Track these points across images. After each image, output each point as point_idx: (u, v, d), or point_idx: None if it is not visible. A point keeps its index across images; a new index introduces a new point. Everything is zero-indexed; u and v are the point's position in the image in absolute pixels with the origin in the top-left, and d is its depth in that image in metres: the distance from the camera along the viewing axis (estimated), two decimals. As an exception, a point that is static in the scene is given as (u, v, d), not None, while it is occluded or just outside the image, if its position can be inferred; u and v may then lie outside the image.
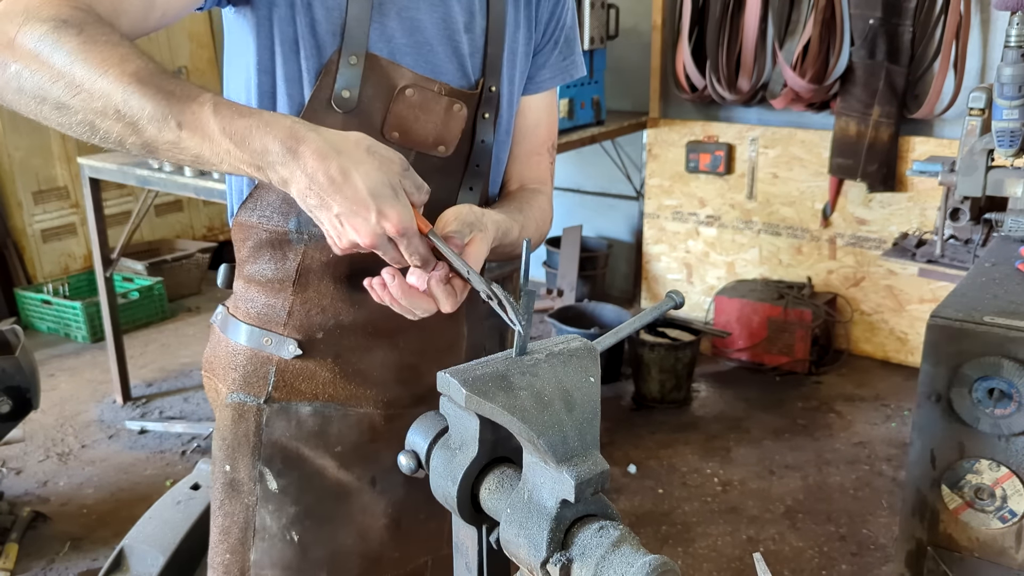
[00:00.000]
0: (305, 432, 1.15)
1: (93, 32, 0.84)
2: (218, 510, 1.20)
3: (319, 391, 1.14)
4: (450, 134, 1.12)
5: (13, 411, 2.60)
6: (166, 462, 3.22)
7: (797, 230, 4.14)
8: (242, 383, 1.15)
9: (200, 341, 4.37)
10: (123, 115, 0.83)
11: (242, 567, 1.18)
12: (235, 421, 1.16)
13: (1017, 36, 1.93)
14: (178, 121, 0.83)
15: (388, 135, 1.08)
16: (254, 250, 1.12)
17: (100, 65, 0.82)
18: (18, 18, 0.84)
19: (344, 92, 1.04)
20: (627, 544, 0.68)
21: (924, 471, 1.64)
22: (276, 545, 1.16)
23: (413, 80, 1.07)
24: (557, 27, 1.24)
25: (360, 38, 1.03)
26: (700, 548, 2.71)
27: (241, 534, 1.17)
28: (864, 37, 3.62)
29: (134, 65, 0.83)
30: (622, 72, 4.44)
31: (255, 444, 1.15)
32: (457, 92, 1.11)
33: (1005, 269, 1.86)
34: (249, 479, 1.16)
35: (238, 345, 1.15)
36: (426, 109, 1.09)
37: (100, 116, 0.83)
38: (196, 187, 3.07)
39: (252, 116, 0.85)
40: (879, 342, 4.05)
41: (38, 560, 2.66)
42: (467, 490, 0.80)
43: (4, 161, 4.49)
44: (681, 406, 3.63)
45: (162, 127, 0.83)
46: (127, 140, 0.85)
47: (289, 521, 1.16)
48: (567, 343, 0.81)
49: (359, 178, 0.84)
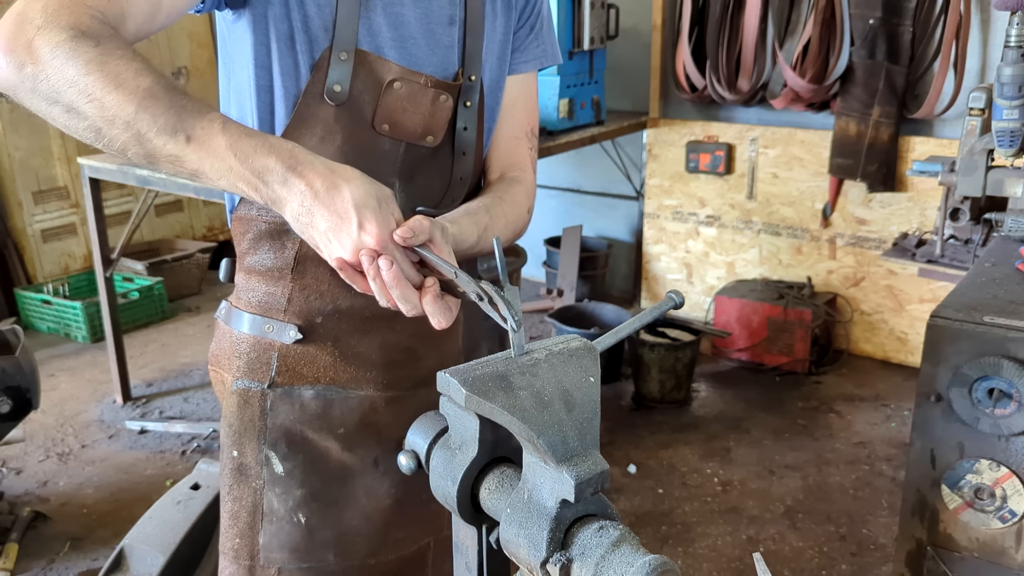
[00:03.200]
0: (308, 415, 1.18)
1: (109, 46, 0.88)
2: (227, 495, 1.23)
3: (320, 374, 1.18)
4: (437, 124, 1.17)
5: (13, 411, 2.60)
6: (166, 462, 3.22)
7: (797, 230, 4.14)
8: (246, 370, 1.18)
9: (200, 341, 4.37)
10: (131, 126, 0.87)
11: (251, 550, 1.21)
12: (240, 407, 1.20)
13: (1017, 36, 1.93)
14: (187, 135, 0.88)
15: (379, 127, 1.12)
16: (254, 242, 1.16)
17: (115, 78, 0.86)
18: (36, 20, 0.86)
19: (335, 86, 1.08)
20: (627, 544, 0.68)
21: (924, 471, 1.64)
22: (284, 528, 1.19)
23: (400, 74, 1.11)
24: (532, 13, 1.29)
25: (349, 34, 1.08)
26: (700, 548, 2.71)
27: (250, 518, 1.21)
28: (864, 37, 3.62)
29: (148, 80, 0.88)
30: (622, 72, 4.44)
31: (260, 429, 1.18)
32: (442, 84, 1.15)
33: (1005, 269, 1.86)
34: (256, 463, 1.19)
35: (241, 334, 1.19)
36: (413, 101, 1.13)
37: (109, 124, 0.87)
38: (196, 187, 3.07)
39: (257, 137, 0.90)
40: (879, 342, 4.05)
41: (38, 560, 2.66)
42: (467, 490, 0.80)
43: (4, 161, 4.49)
44: (681, 406, 3.63)
45: (169, 140, 0.88)
46: (130, 149, 0.89)
47: (296, 504, 1.19)
48: (567, 343, 0.81)
49: (348, 191, 0.89)
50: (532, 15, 1.28)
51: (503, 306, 0.82)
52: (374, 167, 1.12)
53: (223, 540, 1.24)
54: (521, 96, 1.31)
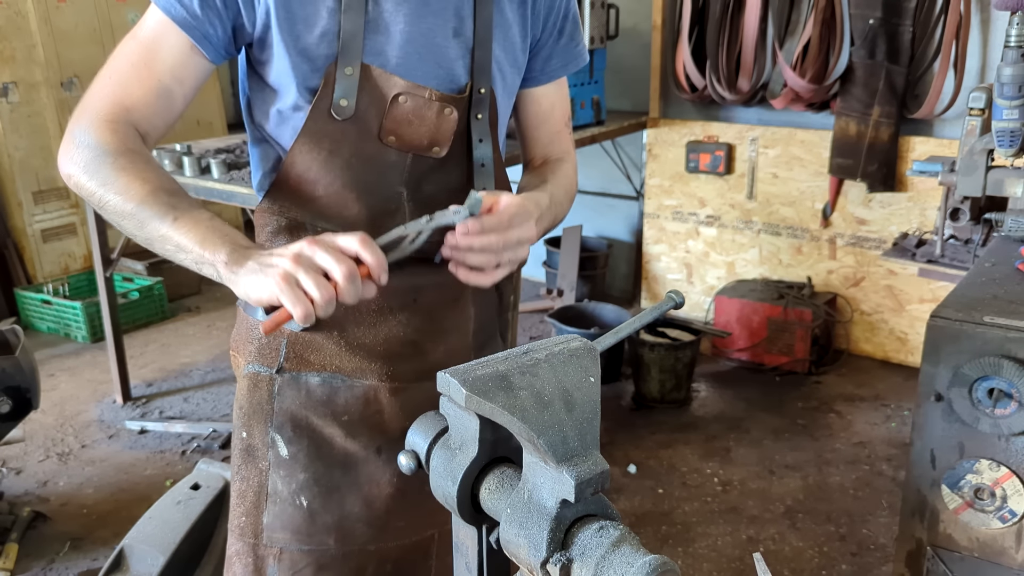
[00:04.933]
0: (313, 401, 1.22)
1: (123, 162, 1.08)
2: (236, 475, 1.28)
3: (326, 362, 1.22)
4: (443, 136, 1.20)
5: (13, 411, 2.60)
6: (166, 462, 3.22)
7: (797, 230, 4.14)
8: (257, 355, 1.24)
9: (200, 341, 4.37)
10: (135, 216, 1.07)
11: (255, 529, 1.25)
12: (250, 390, 1.25)
13: (1017, 36, 1.93)
14: (174, 216, 1.05)
15: (385, 139, 1.16)
16: (273, 234, 1.22)
17: (124, 190, 1.07)
18: (75, 130, 1.10)
19: (342, 101, 1.13)
20: (627, 544, 0.68)
21: (924, 471, 1.64)
22: (286, 509, 1.23)
23: (405, 88, 1.15)
24: (560, 17, 1.30)
25: (355, 50, 1.12)
26: (700, 548, 2.71)
27: (255, 497, 1.25)
28: (864, 37, 3.62)
29: (151, 186, 1.07)
30: (622, 72, 4.44)
31: (268, 412, 1.23)
32: (447, 97, 1.18)
33: (1005, 269, 1.86)
34: (263, 445, 1.24)
35: (255, 320, 1.25)
36: (419, 114, 1.17)
37: (121, 217, 1.09)
38: (196, 187, 3.07)
39: (223, 232, 1.07)
40: (879, 342, 4.05)
41: (38, 560, 2.66)
42: (467, 490, 0.80)
43: (4, 161, 4.49)
44: (681, 406, 3.63)
45: (159, 223, 1.05)
46: (136, 234, 1.08)
47: (299, 487, 1.23)
48: (567, 343, 0.81)
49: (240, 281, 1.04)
50: (561, 19, 1.30)
51: (442, 215, 0.93)
52: (381, 177, 1.18)
53: (232, 517, 1.29)
54: (557, 98, 1.37)
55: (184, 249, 1.05)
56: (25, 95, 4.50)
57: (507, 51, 1.23)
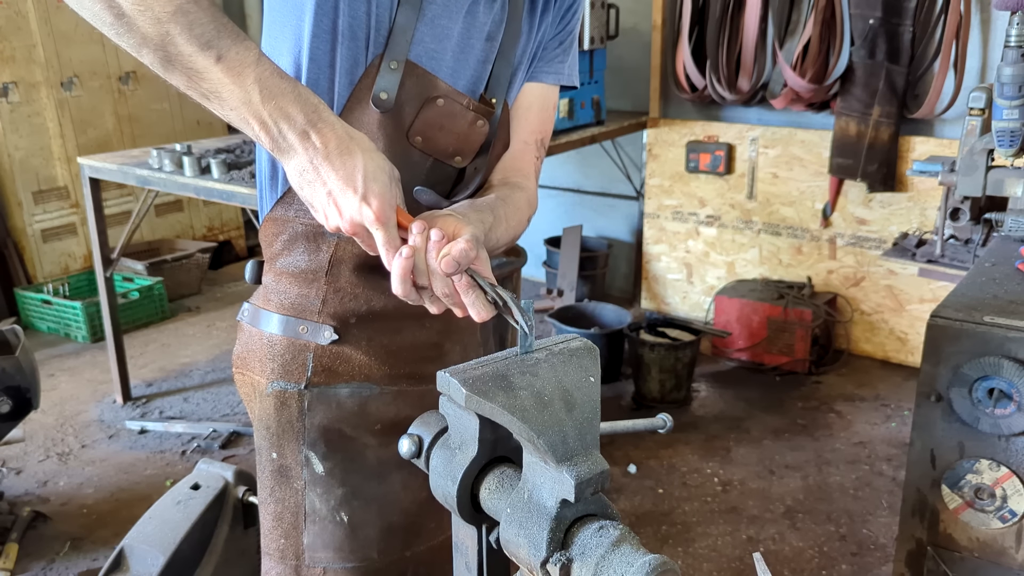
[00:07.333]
0: (345, 413, 1.19)
1: None
2: (268, 497, 1.24)
3: (355, 372, 1.19)
4: (469, 147, 1.17)
5: (13, 411, 2.60)
6: (166, 462, 3.22)
7: (797, 230, 4.14)
8: (281, 371, 1.19)
9: (200, 341, 4.37)
10: (162, 23, 0.83)
11: (296, 551, 1.22)
12: (278, 409, 1.19)
13: (1017, 36, 1.93)
14: (219, 54, 0.85)
15: (412, 139, 1.12)
16: (288, 243, 1.16)
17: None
18: None
19: (382, 94, 1.08)
20: (627, 544, 0.68)
21: (924, 471, 1.64)
22: (327, 527, 1.20)
23: (446, 92, 1.12)
24: (565, 30, 1.28)
25: (403, 45, 1.08)
26: (700, 548, 2.71)
27: (293, 519, 1.21)
28: (864, 37, 3.62)
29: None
30: (622, 72, 4.44)
31: (299, 429, 1.19)
32: (480, 108, 1.16)
33: (1005, 269, 1.86)
34: (296, 464, 1.20)
35: (273, 336, 1.19)
36: (451, 120, 1.14)
37: (140, 13, 0.83)
38: (196, 187, 3.07)
39: (288, 82, 0.89)
40: (879, 342, 4.05)
41: (38, 560, 2.66)
42: (467, 490, 0.80)
43: (4, 161, 4.49)
44: (681, 406, 3.63)
45: (198, 52, 0.85)
46: (143, 48, 0.85)
47: (337, 503, 1.20)
48: (567, 343, 0.81)
49: (361, 159, 0.90)
50: (564, 31, 1.28)
51: (516, 310, 0.83)
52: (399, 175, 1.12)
53: (267, 542, 1.25)
54: (537, 103, 1.29)
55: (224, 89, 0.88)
56: (25, 95, 4.50)
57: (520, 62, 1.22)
